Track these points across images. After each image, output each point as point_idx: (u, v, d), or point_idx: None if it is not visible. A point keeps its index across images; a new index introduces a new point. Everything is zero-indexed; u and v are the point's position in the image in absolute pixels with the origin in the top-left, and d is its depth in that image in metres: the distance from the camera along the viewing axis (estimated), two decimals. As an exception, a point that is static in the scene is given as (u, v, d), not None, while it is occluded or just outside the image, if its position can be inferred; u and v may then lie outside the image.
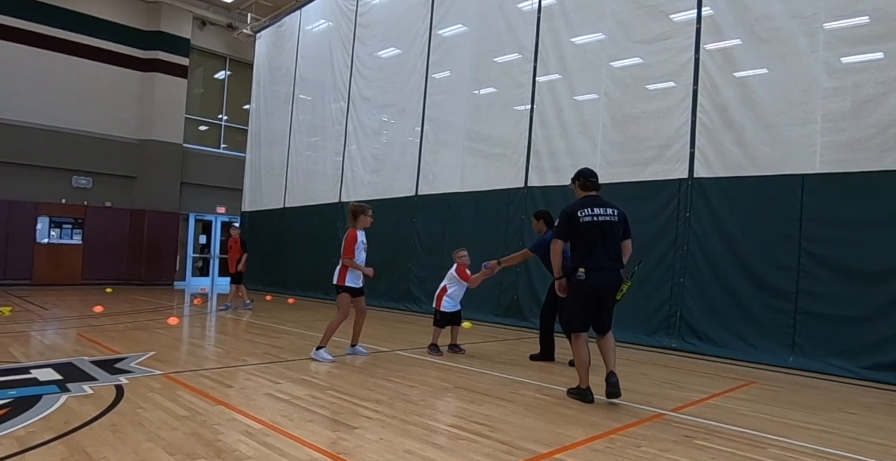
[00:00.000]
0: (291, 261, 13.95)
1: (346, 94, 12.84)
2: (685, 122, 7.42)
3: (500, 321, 8.95)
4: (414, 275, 10.58)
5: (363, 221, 5.54)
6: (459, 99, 10.36)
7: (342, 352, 5.77)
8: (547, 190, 8.78)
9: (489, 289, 9.07)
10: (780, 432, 3.43)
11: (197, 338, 6.82)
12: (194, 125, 18.20)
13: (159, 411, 3.38)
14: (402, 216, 10.98)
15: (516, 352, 6.40)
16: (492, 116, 9.94)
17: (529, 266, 8.81)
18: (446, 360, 5.59)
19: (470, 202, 9.82)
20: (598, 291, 4.15)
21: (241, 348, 5.97)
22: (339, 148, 12.88)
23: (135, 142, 16.61)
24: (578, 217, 4.20)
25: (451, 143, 10.46)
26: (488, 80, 10.07)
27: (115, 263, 16.30)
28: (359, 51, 12.68)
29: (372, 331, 7.60)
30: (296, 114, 14.81)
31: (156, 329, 7.20)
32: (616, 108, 8.24)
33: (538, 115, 9.07)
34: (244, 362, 5.14)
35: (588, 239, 4.16)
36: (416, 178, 10.77)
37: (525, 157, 9.12)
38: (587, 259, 4.13)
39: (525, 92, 9.29)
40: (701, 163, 7.26)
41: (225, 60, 18.88)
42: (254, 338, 6.79)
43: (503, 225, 9.23)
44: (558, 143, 8.79)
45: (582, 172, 4.49)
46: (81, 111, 15.75)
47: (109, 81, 16.33)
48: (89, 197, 16.12)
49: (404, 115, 11.34)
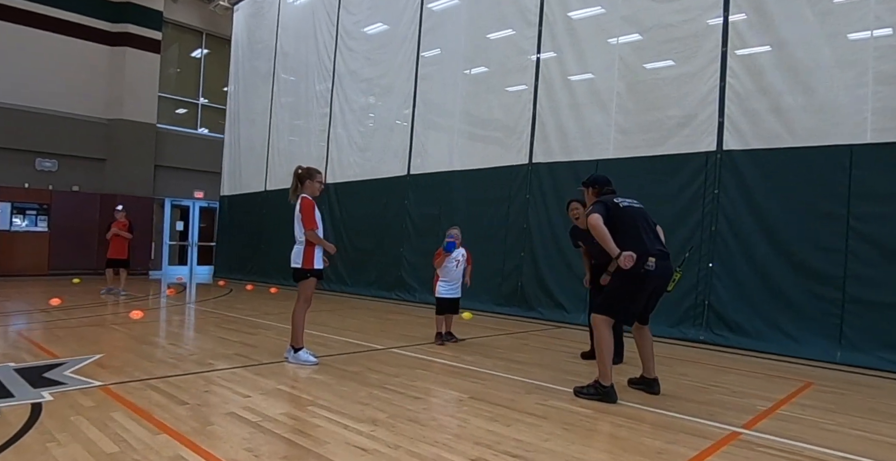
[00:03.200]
0: (274, 249, 12.93)
1: (330, 69, 11.74)
2: (713, 88, 6.55)
3: (503, 311, 8.09)
4: (406, 260, 9.66)
5: (311, 188, 4.52)
6: (455, 71, 9.37)
7: (328, 351, 4.86)
8: (555, 166, 7.88)
9: (489, 276, 8.21)
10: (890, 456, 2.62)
11: (158, 336, 5.83)
12: (169, 105, 16.88)
13: (77, 445, 2.43)
14: (392, 197, 10.02)
15: (529, 347, 5.54)
16: (491, 90, 8.97)
17: (535, 249, 7.95)
18: (453, 359, 4.70)
19: (467, 181, 8.88)
20: (656, 282, 3.60)
21: (208, 348, 5.01)
22: (323, 125, 11.82)
23: (104, 121, 15.30)
24: (617, 203, 3.73)
25: (446, 118, 9.47)
26: (486, 53, 9.08)
27: (85, 252, 15.03)
28: (344, 20, 11.56)
29: (361, 325, 6.69)
30: (277, 91, 13.66)
31: (114, 325, 6.21)
32: (632, 74, 7.33)
33: (543, 84, 8.12)
34: (209, 367, 4.19)
35: (632, 225, 3.65)
36: (409, 157, 9.80)
37: (529, 132, 8.19)
38: (642, 245, 3.52)
39: (528, 62, 8.34)
40: (731, 133, 6.41)
41: (201, 36, 17.53)
42: (226, 334, 5.83)
43: (505, 205, 8.33)
44: (566, 115, 7.88)
45: (597, 179, 4.14)
46: (45, 88, 14.39)
47: (75, 56, 14.94)
48: (55, 181, 14.82)
49: (393, 90, 10.31)
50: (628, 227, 3.60)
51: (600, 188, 4.05)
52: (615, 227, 3.56)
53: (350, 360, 4.58)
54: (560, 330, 6.87)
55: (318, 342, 5.30)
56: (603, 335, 3.57)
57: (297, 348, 4.39)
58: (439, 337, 5.53)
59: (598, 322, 3.61)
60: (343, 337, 5.69)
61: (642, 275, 3.46)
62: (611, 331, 3.60)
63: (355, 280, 10.71)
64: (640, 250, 3.44)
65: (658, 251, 3.55)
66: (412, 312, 8.18)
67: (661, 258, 3.53)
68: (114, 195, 15.21)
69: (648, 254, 3.46)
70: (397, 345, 5.33)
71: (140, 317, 6.82)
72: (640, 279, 3.49)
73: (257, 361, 4.41)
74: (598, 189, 4.07)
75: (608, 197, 3.83)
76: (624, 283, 3.58)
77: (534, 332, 6.57)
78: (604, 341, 3.56)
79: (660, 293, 3.72)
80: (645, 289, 3.56)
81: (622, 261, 3.39)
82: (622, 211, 3.67)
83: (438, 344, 5.45)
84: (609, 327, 3.58)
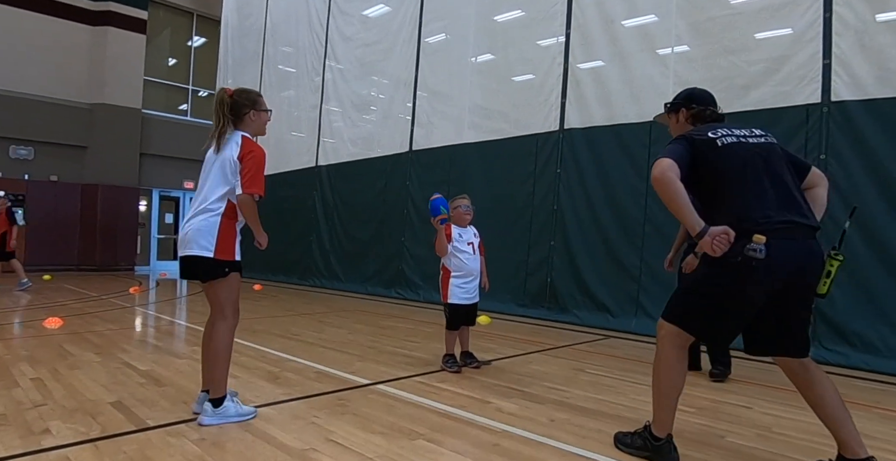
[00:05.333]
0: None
1: (322, 35, 9.72)
2: (813, 22, 4.53)
3: (528, 314, 6.07)
4: (408, 252, 7.63)
5: (257, 123, 2.50)
6: (466, 22, 7.31)
7: (276, 391, 2.85)
8: (593, 132, 5.85)
9: (510, 270, 6.20)
10: None
11: (24, 364, 3.78)
12: (157, 90, 14.89)
13: None
14: (392, 179, 8.00)
15: (588, 376, 3.46)
16: (511, 43, 6.92)
17: (568, 237, 5.93)
18: (480, 409, 2.65)
19: (483, 155, 6.83)
20: (783, 279, 1.80)
21: (88, 389, 3.00)
22: (315, 101, 9.79)
23: (85, 106, 13.30)
24: (712, 138, 1.95)
25: (455, 81, 7.39)
26: None
27: (65, 246, 13.10)
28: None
29: (345, 338, 4.60)
30: (266, 67, 11.64)
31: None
32: (697, 10, 5.30)
33: (577, 32, 6.09)
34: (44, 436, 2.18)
35: (740, 174, 1.90)
36: (411, 129, 7.76)
37: (560, 91, 6.16)
38: (752, 210, 1.82)
39: (558, 4, 6.30)
40: (842, 79, 4.38)
41: (192, 17, 15.51)
42: (142, 356, 3.82)
43: (529, 182, 6.29)
44: (608, 68, 5.85)
45: (695, 95, 2.24)
46: (19, 70, 12.43)
47: (53, 36, 12.94)
48: (31, 169, 12.86)
49: (393, 51, 8.27)
50: (732, 178, 1.88)
51: (701, 110, 2.15)
52: (706, 180, 1.92)
53: (305, 412, 2.55)
54: (611, 341, 4.86)
55: (267, 371, 3.30)
56: (667, 357, 1.95)
57: (220, 398, 2.32)
58: (450, 360, 3.48)
59: (664, 335, 1.98)
60: (312, 360, 3.67)
61: (743, 268, 1.74)
62: (681, 355, 1.96)
63: (350, 275, 8.69)
64: (745, 221, 1.76)
65: (783, 224, 1.77)
66: (414, 316, 6.17)
67: (786, 236, 1.76)
68: (95, 185, 13.27)
69: (757, 228, 1.73)
70: (390, 376, 3.30)
71: (58, 325, 4.84)
72: (739, 275, 1.77)
73: (145, 426, 2.37)
74: (693, 112, 2.16)
75: (705, 127, 2.02)
76: (713, 279, 1.87)
77: (579, 347, 4.54)
78: (664, 367, 1.95)
79: (805, 298, 1.88)
80: (749, 294, 1.81)
81: (705, 244, 1.73)
82: (723, 152, 1.91)
83: (452, 371, 3.42)
84: (679, 347, 1.95)
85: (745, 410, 2.77)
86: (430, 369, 3.45)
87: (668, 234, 5.23)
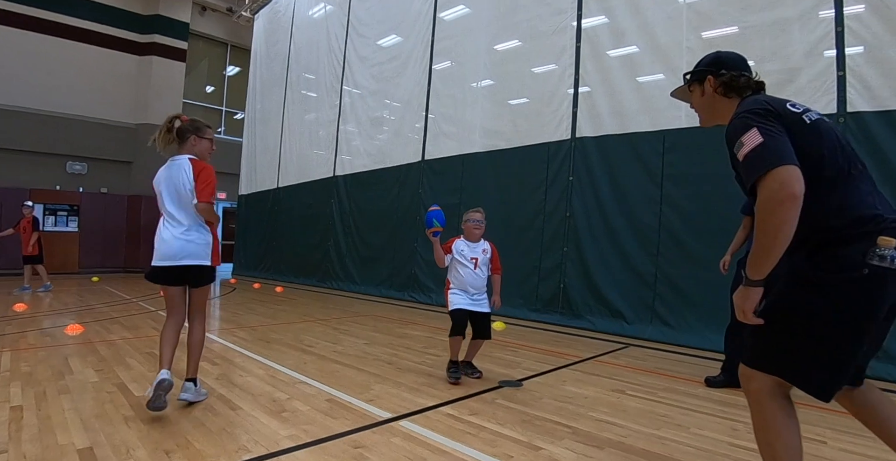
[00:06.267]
0: (285, 244, 10.37)
1: (341, 58, 9.14)
2: (825, 35, 3.87)
3: (541, 319, 5.38)
4: (420, 257, 6.97)
5: (200, 148, 2.47)
6: (478, 35, 6.67)
7: (279, 430, 2.20)
8: (606, 141, 5.16)
9: (523, 275, 5.51)
10: None
11: (16, 385, 3.21)
12: (195, 111, 14.43)
13: None
14: (405, 187, 7.36)
15: (639, 400, 2.73)
16: (522, 56, 6.27)
17: (581, 243, 5.23)
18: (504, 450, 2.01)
19: (494, 163, 6.15)
20: None
21: (63, 428, 2.36)
22: (333, 116, 9.21)
23: (131, 126, 12.90)
24: (797, 113, 1.23)
25: (467, 91, 6.75)
26: (514, 13, 6.40)
27: (113, 251, 12.71)
28: (355, 7, 8.96)
29: (361, 350, 3.78)
30: (290, 86, 11.10)
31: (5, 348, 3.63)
32: (707, 23, 4.62)
33: (588, 45, 5.43)
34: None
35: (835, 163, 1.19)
36: (423, 139, 7.12)
37: (571, 100, 5.49)
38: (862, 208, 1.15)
39: (568, 17, 5.65)
40: (857, 90, 3.70)
41: (226, 47, 15.08)
42: (143, 375, 3.19)
43: (541, 189, 5.62)
44: (619, 78, 5.17)
45: (722, 57, 1.49)
46: (76, 95, 12.13)
47: (105, 65, 12.63)
48: (84, 183, 12.48)
49: (408, 65, 7.65)
50: (827, 166, 1.21)
51: (730, 77, 1.43)
52: None
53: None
54: (631, 350, 4.15)
55: (272, 399, 2.63)
56: (771, 418, 1.22)
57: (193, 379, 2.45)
58: (452, 368, 3.04)
59: (758, 389, 1.26)
60: (325, 382, 3.00)
61: (871, 282, 1.12)
62: (788, 408, 1.24)
63: (365, 278, 8.05)
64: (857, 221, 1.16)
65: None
66: (429, 321, 5.50)
67: None
68: (139, 196, 12.85)
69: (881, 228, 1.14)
70: (414, 406, 2.60)
71: (76, 333, 4.26)
72: (863, 292, 1.13)
73: None
74: (724, 79, 1.44)
75: (774, 100, 1.30)
76: (823, 304, 1.17)
77: (603, 359, 3.83)
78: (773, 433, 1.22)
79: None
80: (877, 314, 1.15)
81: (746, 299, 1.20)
82: (813, 131, 1.23)
83: (451, 381, 2.97)
84: (781, 398, 1.24)
85: (820, 447, 2.07)
86: (457, 395, 2.77)
87: (684, 242, 4.54)
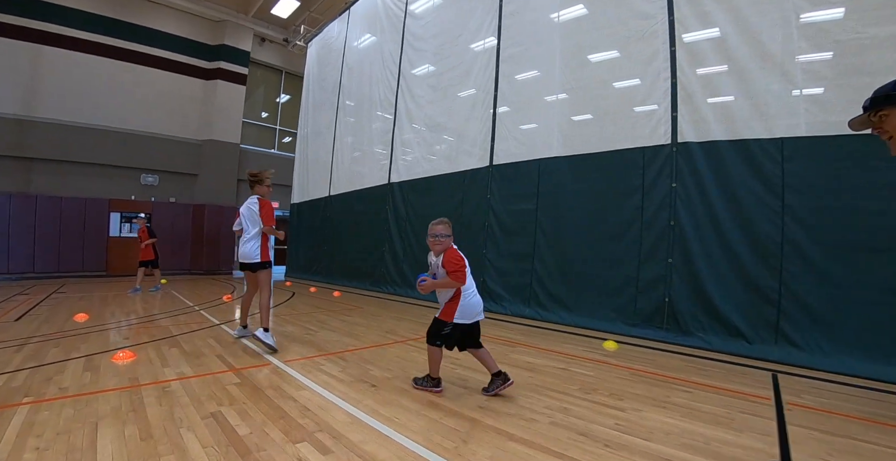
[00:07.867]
0: (337, 249, 8.84)
1: (396, 73, 7.66)
2: None
3: (639, 335, 3.83)
4: (490, 263, 5.35)
5: (262, 190, 3.25)
6: (548, 27, 5.16)
7: None
8: (713, 147, 3.63)
9: (616, 287, 3.94)
10: None
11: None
12: (252, 129, 13.06)
13: None
14: (469, 192, 5.81)
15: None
16: (598, 41, 4.72)
17: (691, 254, 3.68)
18: None
19: (575, 168, 4.57)
20: None
21: None
22: (388, 126, 7.72)
23: (196, 142, 11.51)
24: None
25: (541, 90, 5.18)
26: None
27: (180, 254, 11.27)
28: (409, 24, 7.51)
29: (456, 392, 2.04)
30: (342, 105, 9.64)
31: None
32: (823, 34, 3.10)
33: (682, 42, 3.92)
34: None
35: None
36: (491, 144, 5.60)
37: (669, 103, 3.97)
38: None
39: (658, 13, 4.15)
40: None
41: (281, 74, 13.69)
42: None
43: (636, 196, 4.07)
44: (725, 78, 3.65)
45: None
46: (150, 115, 10.85)
47: (176, 88, 11.32)
48: (156, 193, 11.09)
49: (471, 72, 6.12)
50: None
51: None
52: None
53: None
54: (789, 380, 2.60)
55: None
56: None
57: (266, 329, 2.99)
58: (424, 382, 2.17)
59: None
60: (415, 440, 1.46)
61: None
62: None
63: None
64: None
65: None
66: (509, 335, 3.96)
67: None
68: (203, 205, 11.43)
69: None
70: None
71: (125, 362, 2.75)
72: None
73: None
74: None
75: None
76: None
77: (755, 397, 2.29)
78: None
79: None
80: None
81: None
82: None
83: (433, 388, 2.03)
84: None
85: None
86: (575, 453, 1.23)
87: (811, 258, 2.96)
